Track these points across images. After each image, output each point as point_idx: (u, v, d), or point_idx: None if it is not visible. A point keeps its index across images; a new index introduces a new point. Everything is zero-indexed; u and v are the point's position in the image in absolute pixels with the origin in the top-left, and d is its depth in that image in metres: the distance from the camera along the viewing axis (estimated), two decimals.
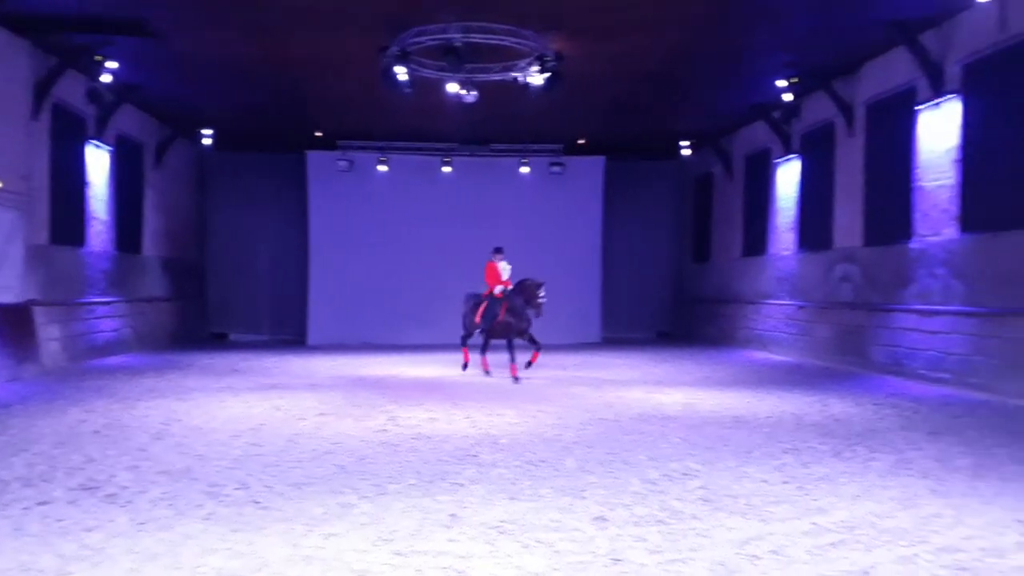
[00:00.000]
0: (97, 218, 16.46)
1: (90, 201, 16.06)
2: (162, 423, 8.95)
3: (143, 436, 8.19)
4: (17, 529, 5.11)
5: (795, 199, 17.68)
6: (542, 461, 7.13)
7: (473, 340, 14.24)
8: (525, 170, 21.97)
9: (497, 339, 13.75)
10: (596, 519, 5.38)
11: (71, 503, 5.71)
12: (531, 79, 13.44)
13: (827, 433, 8.54)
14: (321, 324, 21.31)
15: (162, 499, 5.81)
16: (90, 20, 12.65)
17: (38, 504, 5.67)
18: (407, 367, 15.34)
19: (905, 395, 11.38)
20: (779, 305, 18.26)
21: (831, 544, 4.86)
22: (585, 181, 22.11)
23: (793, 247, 17.78)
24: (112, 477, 6.46)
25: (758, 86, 16.22)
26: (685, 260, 24.53)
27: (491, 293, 13.62)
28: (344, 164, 21.44)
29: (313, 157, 21.64)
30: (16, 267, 13.20)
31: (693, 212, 23.98)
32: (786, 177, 18.13)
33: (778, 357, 17.38)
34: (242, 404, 10.42)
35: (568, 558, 4.62)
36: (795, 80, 15.41)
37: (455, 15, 12.17)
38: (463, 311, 14.26)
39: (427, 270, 21.14)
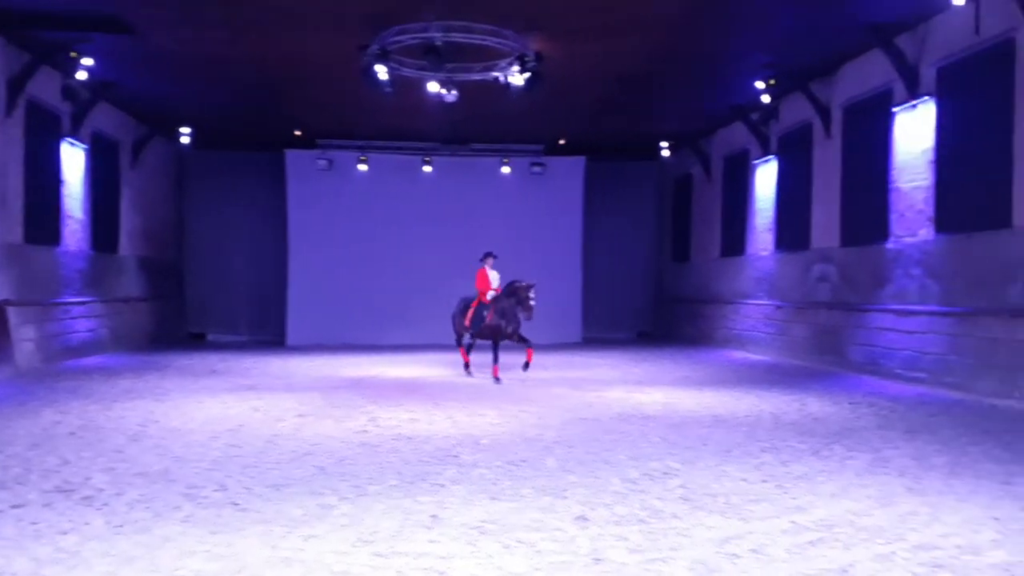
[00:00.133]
0: (72, 217, 16.26)
1: (65, 200, 15.86)
2: (139, 424, 8.86)
3: (120, 438, 8.10)
4: None
5: (773, 200, 17.81)
6: (523, 461, 7.14)
7: (468, 341, 14.23)
8: (506, 170, 21.97)
9: (485, 340, 13.76)
10: (577, 519, 5.39)
11: (46, 506, 5.63)
12: (512, 79, 13.44)
13: (805, 432, 8.61)
14: (300, 324, 21.16)
15: (139, 501, 5.75)
16: (66, 16, 12.48)
17: (12, 507, 5.58)
18: (387, 367, 15.29)
19: (882, 394, 11.50)
20: (757, 305, 18.39)
21: (810, 542, 4.90)
22: (565, 181, 22.14)
23: (771, 247, 17.91)
24: (88, 479, 6.38)
25: (737, 88, 16.33)
26: (665, 260, 24.64)
27: (481, 300, 13.57)
28: (324, 163, 21.33)
29: (292, 156, 21.51)
30: None
31: (672, 212, 24.09)
32: (764, 178, 18.27)
33: (756, 356, 17.50)
34: (220, 405, 10.33)
35: (549, 558, 4.63)
36: (773, 82, 15.52)
37: (436, 14, 12.15)
38: (452, 313, 14.26)
39: (407, 270, 21.07)
